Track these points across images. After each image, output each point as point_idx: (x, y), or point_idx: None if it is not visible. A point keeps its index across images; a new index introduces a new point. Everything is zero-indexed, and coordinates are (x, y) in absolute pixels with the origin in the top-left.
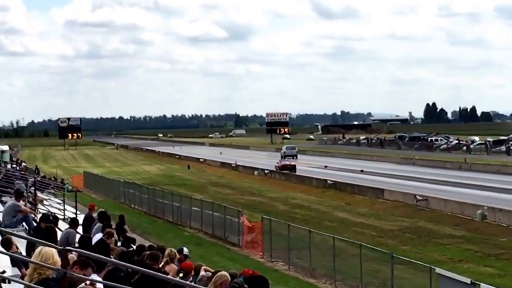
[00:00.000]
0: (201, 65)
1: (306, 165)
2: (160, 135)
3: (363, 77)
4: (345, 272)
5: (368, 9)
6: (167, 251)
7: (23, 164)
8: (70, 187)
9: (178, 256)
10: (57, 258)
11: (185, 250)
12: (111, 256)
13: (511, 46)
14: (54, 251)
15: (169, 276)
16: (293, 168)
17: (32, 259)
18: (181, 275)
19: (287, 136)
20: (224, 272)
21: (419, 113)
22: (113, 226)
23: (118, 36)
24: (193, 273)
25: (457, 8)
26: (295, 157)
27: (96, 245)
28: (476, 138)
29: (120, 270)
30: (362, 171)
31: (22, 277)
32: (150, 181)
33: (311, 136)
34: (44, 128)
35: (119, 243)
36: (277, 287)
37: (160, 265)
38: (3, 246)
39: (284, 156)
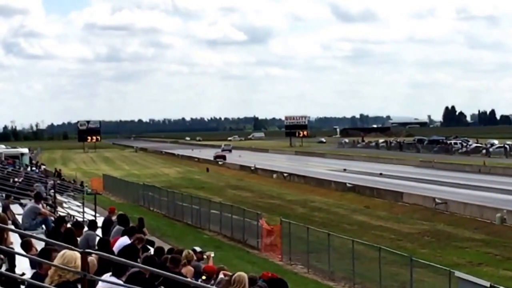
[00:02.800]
0: (220, 68)
1: (325, 168)
2: (188, 138)
3: (382, 80)
4: (364, 275)
5: (386, 12)
6: (184, 253)
7: (43, 167)
8: (89, 190)
9: (195, 257)
10: (79, 263)
11: (198, 248)
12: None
13: None
14: (78, 255)
15: (192, 280)
16: (223, 157)
17: (55, 261)
18: (203, 278)
19: (323, 140)
20: (243, 273)
21: (438, 116)
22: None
23: (137, 39)
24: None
25: (476, 11)
26: (230, 151)
27: (126, 250)
28: (495, 141)
29: (143, 273)
30: (381, 174)
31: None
32: (169, 184)
33: (346, 140)
34: (63, 131)
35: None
36: None
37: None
38: (23, 248)
39: (222, 150)
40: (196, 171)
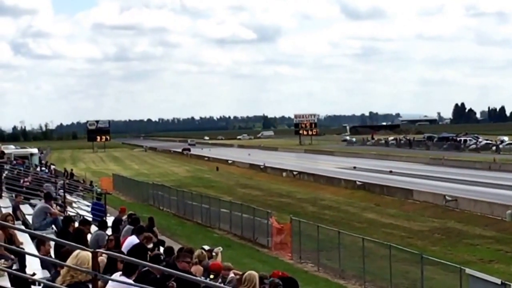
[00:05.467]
0: (229, 67)
1: (334, 166)
2: (207, 138)
3: (391, 78)
4: (375, 273)
5: (395, 10)
6: (197, 252)
7: (52, 167)
8: (99, 190)
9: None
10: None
11: (206, 247)
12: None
13: None
14: (91, 256)
15: (201, 278)
16: (189, 149)
17: (68, 261)
18: (211, 276)
19: (347, 137)
20: (253, 272)
21: (447, 114)
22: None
23: (145, 39)
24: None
25: (485, 7)
26: (194, 145)
27: (135, 249)
28: (506, 138)
29: (152, 273)
30: (391, 171)
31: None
32: (178, 183)
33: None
34: (72, 130)
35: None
36: None
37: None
38: (37, 246)
39: (188, 144)
40: (205, 170)
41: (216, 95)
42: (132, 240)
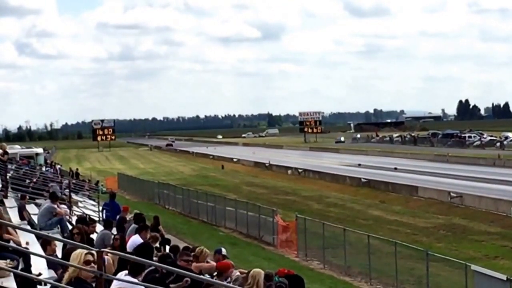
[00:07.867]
0: (233, 65)
1: (339, 163)
2: (220, 136)
3: (395, 75)
4: (380, 270)
5: (398, 7)
6: (198, 250)
7: (58, 166)
8: (104, 189)
9: (210, 256)
10: (82, 261)
11: (223, 250)
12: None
13: None
14: (79, 252)
15: (204, 277)
16: (171, 145)
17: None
18: (215, 274)
19: (358, 136)
20: (258, 269)
21: (452, 110)
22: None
23: (150, 38)
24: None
25: (487, 4)
26: (173, 142)
27: (141, 249)
28: (510, 134)
29: (156, 271)
30: (395, 168)
31: (59, 280)
32: (184, 181)
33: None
34: (77, 130)
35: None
36: (313, 285)
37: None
38: (42, 246)
39: (170, 141)
40: (211, 169)
41: (220, 94)
42: (136, 239)
